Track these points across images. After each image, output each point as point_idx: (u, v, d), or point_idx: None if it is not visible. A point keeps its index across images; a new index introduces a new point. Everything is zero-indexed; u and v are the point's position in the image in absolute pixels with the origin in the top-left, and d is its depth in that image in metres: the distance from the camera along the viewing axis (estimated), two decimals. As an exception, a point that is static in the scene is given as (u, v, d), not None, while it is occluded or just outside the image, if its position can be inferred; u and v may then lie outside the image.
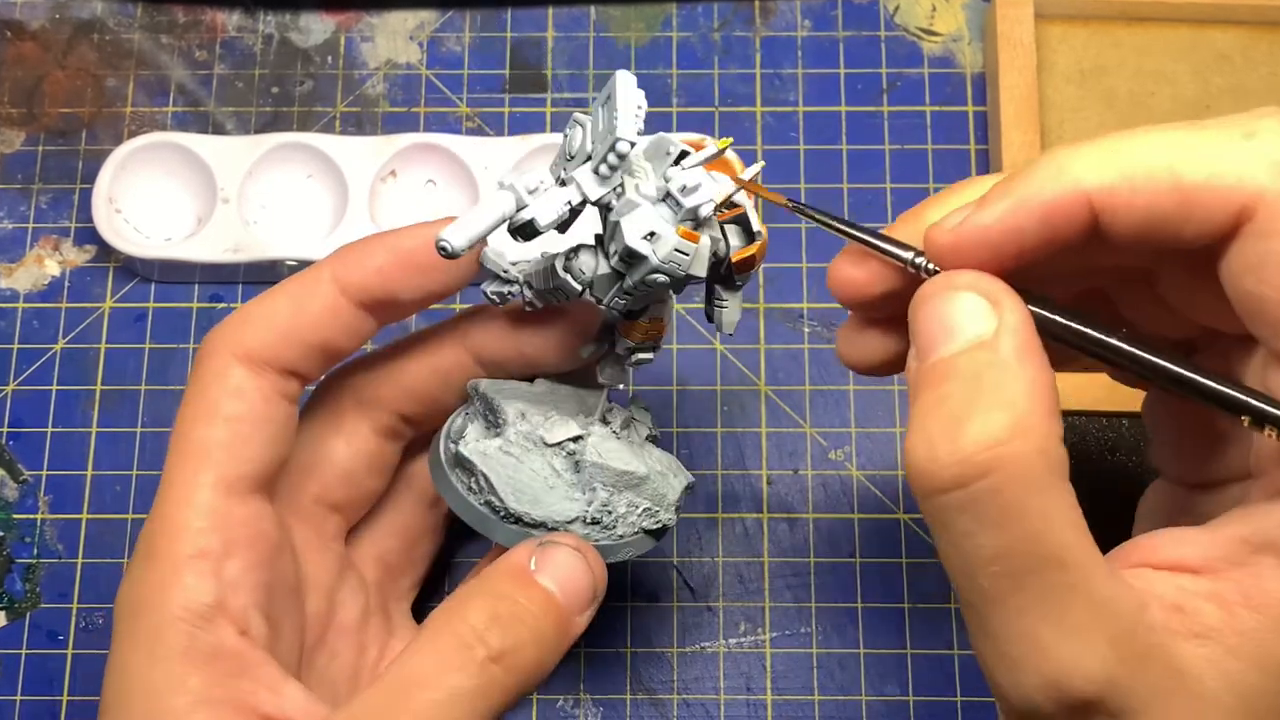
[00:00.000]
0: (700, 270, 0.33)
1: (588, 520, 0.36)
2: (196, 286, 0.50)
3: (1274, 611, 0.27)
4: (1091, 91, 0.50)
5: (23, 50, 0.53)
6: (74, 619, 0.46)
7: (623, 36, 0.53)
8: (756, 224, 0.35)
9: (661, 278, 0.32)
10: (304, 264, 0.49)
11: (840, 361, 0.35)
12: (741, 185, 0.34)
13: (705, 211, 0.32)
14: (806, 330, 0.49)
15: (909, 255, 0.31)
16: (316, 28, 0.54)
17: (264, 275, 0.50)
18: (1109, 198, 0.28)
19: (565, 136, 0.34)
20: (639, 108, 0.32)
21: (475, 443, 0.37)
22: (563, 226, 0.33)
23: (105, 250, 0.50)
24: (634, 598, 0.46)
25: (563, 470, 0.37)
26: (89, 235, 0.51)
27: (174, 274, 0.50)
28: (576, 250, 0.34)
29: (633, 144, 0.32)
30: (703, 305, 0.37)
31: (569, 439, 0.37)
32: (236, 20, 0.54)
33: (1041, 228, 0.29)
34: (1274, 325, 0.27)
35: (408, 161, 0.50)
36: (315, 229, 0.50)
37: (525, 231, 0.32)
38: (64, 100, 0.53)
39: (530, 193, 0.33)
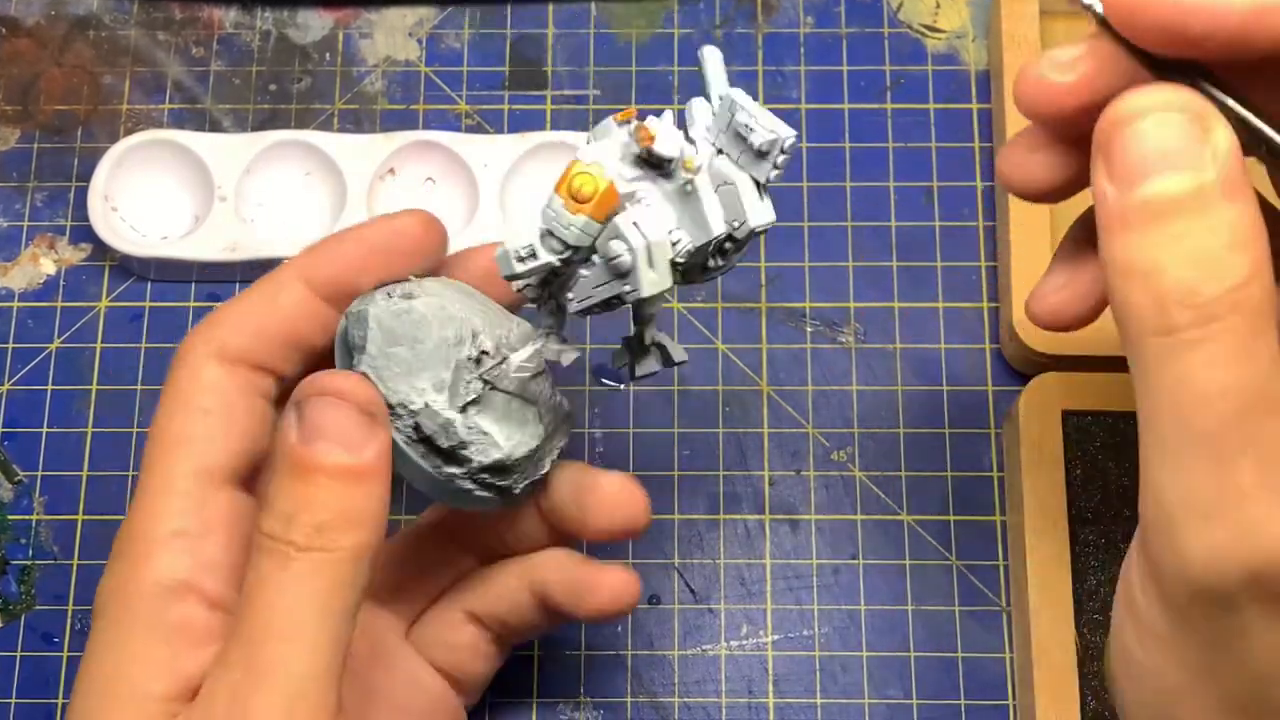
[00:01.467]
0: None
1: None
2: (193, 285, 0.50)
3: None
4: None
5: (18, 47, 0.53)
6: (69, 621, 0.46)
7: (624, 33, 0.53)
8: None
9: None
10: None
11: (1002, 183, 0.33)
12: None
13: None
14: (809, 330, 0.49)
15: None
16: (314, 24, 0.53)
17: (261, 274, 0.49)
18: None
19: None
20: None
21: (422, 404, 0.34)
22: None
23: (101, 249, 0.50)
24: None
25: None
26: (85, 233, 0.50)
27: (171, 273, 0.50)
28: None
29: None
30: (704, 304, 0.36)
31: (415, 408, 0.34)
32: (234, 17, 0.53)
33: (1245, 24, 0.27)
34: None
35: (406, 159, 0.50)
36: (313, 227, 0.50)
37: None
38: (60, 97, 0.52)
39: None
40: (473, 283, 0.37)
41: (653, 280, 0.32)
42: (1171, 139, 0.27)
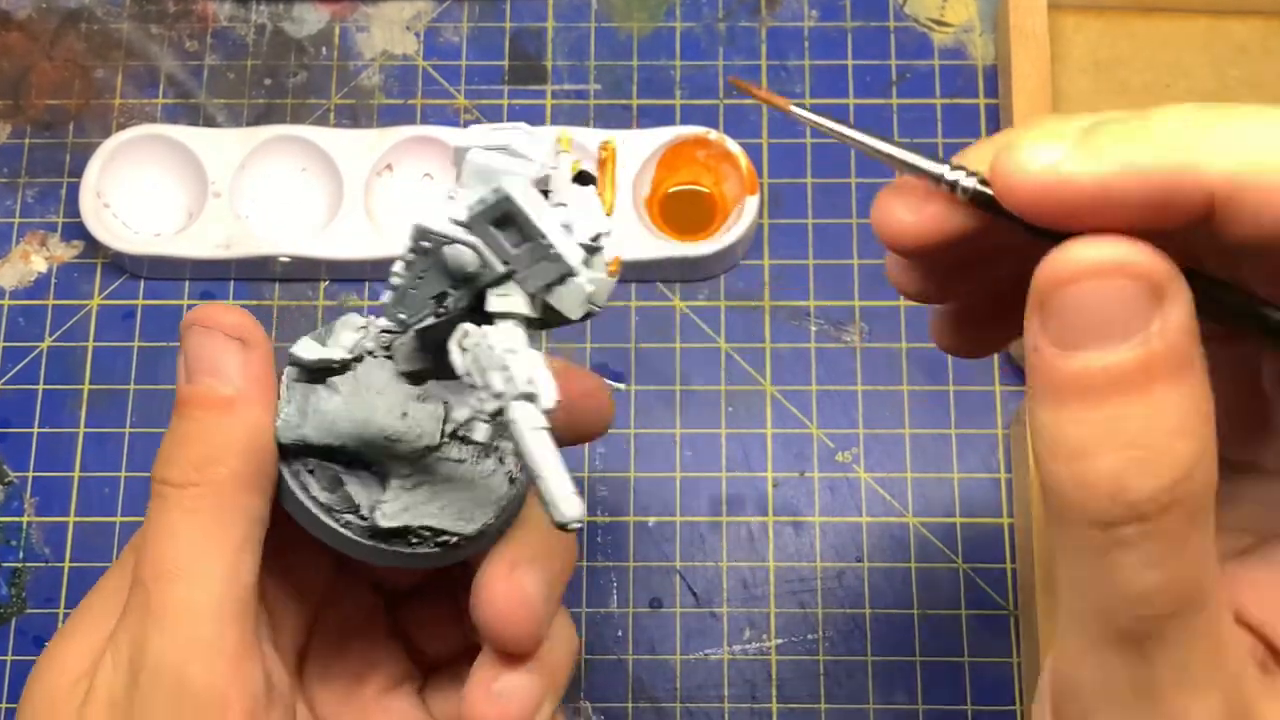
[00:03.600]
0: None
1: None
2: (187, 283, 0.49)
3: None
4: (1106, 83, 0.50)
5: (9, 40, 0.52)
6: (61, 625, 0.45)
7: (624, 27, 0.52)
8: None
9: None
10: (297, 260, 0.48)
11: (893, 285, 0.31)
12: (768, 102, 0.29)
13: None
14: (813, 329, 0.48)
15: (943, 171, 0.25)
16: (310, 18, 0.53)
17: (256, 271, 0.49)
18: (1234, 191, 0.23)
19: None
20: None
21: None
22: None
23: (93, 246, 0.49)
24: (636, 604, 0.46)
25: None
26: (76, 230, 0.50)
27: (164, 270, 0.49)
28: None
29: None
30: (708, 302, 0.35)
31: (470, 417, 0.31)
32: (228, 10, 0.53)
33: (1146, 208, 0.23)
34: None
35: (404, 155, 0.49)
36: (309, 224, 0.49)
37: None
38: (51, 92, 0.52)
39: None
40: None
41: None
42: (1116, 306, 0.23)
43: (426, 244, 0.28)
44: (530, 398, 0.26)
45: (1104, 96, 0.49)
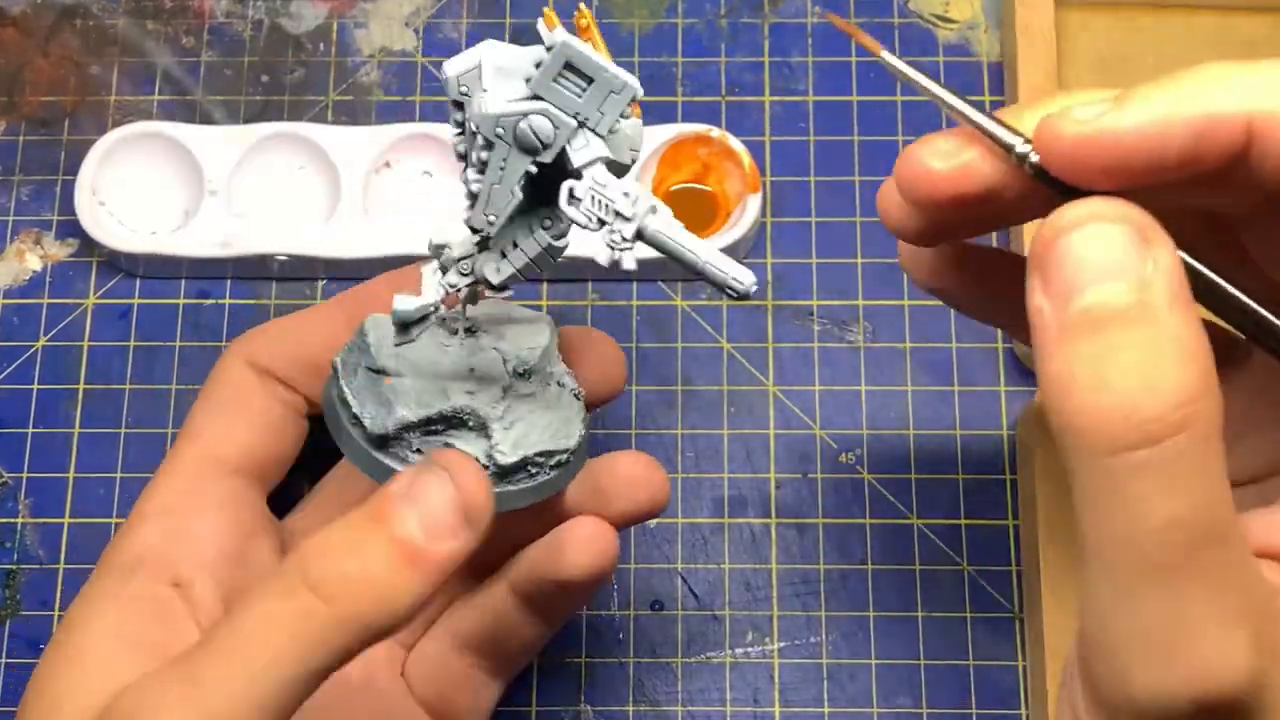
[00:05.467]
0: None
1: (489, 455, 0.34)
2: (183, 282, 0.49)
3: None
4: (1114, 81, 0.48)
5: (2, 36, 0.52)
6: (55, 627, 0.45)
7: (626, 23, 0.52)
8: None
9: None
10: (295, 259, 0.48)
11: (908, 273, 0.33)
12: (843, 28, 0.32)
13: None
14: (816, 328, 0.48)
15: (1015, 143, 0.27)
16: (308, 14, 0.52)
17: (254, 270, 0.48)
18: (1273, 126, 0.25)
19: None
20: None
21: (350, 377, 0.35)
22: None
23: (88, 244, 0.49)
24: (637, 606, 0.45)
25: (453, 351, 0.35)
26: (71, 229, 0.49)
27: (160, 269, 0.49)
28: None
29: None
30: (710, 301, 0.35)
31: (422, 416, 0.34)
32: (225, 6, 0.53)
33: (1187, 149, 0.26)
34: None
35: (403, 152, 0.49)
36: (307, 222, 0.49)
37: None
38: (45, 88, 0.51)
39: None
40: None
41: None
42: (1111, 250, 0.25)
43: (500, 130, 0.30)
44: (655, 209, 0.30)
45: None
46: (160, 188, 0.49)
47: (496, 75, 0.30)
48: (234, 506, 0.37)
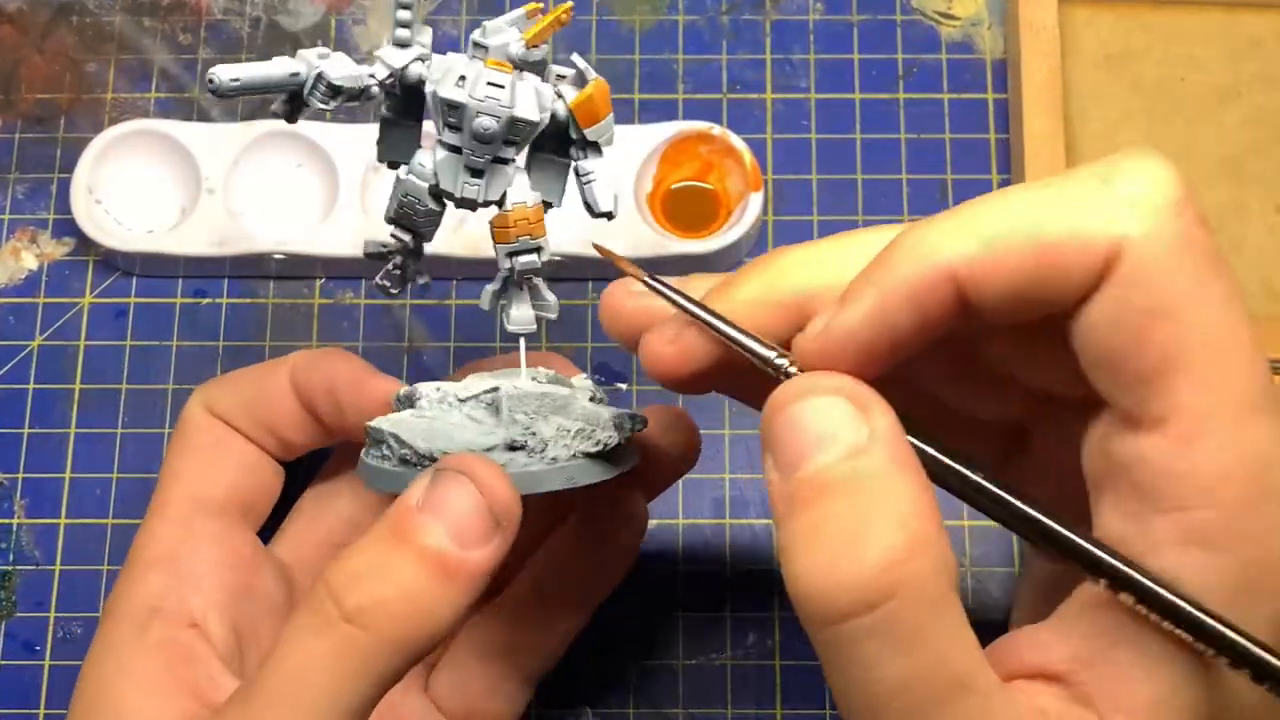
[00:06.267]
0: (530, 112, 0.32)
1: (508, 447, 0.33)
2: (180, 281, 0.49)
3: (1143, 715, 0.26)
4: (1118, 77, 0.49)
5: (-2, 33, 0.52)
6: (51, 629, 0.45)
7: (627, 20, 0.51)
8: (588, 70, 0.34)
9: (489, 122, 0.32)
10: (293, 257, 0.47)
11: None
12: (607, 255, 0.33)
13: (515, 50, 0.33)
14: (818, 327, 0.48)
15: (771, 355, 0.29)
16: (306, 10, 0.52)
17: (251, 269, 0.48)
18: (972, 269, 0.26)
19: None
20: None
21: (385, 418, 0.35)
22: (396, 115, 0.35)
23: (84, 243, 0.49)
24: (638, 607, 0.45)
25: (482, 417, 0.34)
26: (67, 227, 0.49)
27: (156, 268, 0.48)
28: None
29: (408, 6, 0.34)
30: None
31: (485, 391, 0.34)
32: (222, 3, 0.52)
33: (911, 315, 0.27)
34: (1128, 380, 0.26)
35: (401, 150, 0.49)
36: (304, 220, 0.48)
37: (323, 93, 0.34)
38: (42, 86, 0.51)
39: (321, 59, 0.34)
40: None
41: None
42: (828, 421, 0.26)
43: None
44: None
45: (1115, 91, 0.49)
46: (157, 186, 0.49)
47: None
48: (230, 542, 0.37)
